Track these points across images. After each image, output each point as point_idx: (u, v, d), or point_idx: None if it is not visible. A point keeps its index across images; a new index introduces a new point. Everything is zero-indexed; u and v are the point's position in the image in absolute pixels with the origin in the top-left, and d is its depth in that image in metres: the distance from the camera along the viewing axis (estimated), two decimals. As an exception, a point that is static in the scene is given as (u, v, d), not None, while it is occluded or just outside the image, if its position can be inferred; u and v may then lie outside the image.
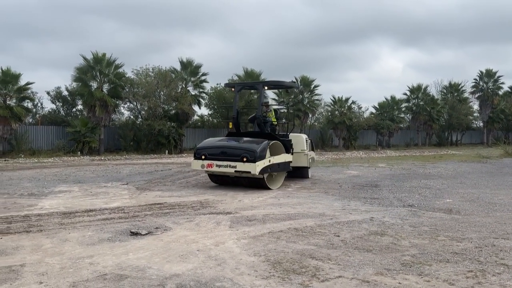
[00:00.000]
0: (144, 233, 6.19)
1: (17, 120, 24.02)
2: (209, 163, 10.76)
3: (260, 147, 10.56)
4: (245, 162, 10.24)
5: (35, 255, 5.14)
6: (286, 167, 11.67)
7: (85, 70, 26.50)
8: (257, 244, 5.62)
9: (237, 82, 12.67)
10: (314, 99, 34.69)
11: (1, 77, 23.90)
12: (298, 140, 13.04)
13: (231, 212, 7.93)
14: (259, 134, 11.71)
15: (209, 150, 11.00)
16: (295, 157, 12.40)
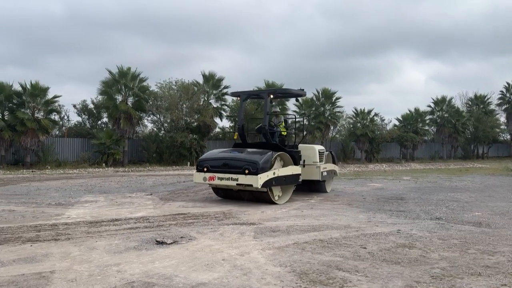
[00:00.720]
0: (169, 242, 6.23)
1: (44, 133, 24.66)
2: (211, 175, 10.19)
3: (263, 159, 9.91)
4: (247, 174, 9.64)
5: (64, 262, 5.22)
6: (294, 180, 10.86)
7: (110, 83, 27.12)
8: (282, 255, 5.57)
9: (242, 91, 12.02)
10: (335, 111, 34.50)
11: (30, 91, 24.67)
12: (310, 152, 12.20)
13: (254, 223, 7.90)
14: (265, 145, 11.10)
15: (211, 162, 10.41)
16: (306, 169, 11.74)
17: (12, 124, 23.83)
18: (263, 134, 11.28)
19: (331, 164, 13.26)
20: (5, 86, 24.44)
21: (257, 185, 9.55)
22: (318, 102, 34.20)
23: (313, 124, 33.24)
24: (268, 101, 11.53)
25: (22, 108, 24.61)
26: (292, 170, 10.72)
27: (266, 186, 9.83)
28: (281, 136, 11.97)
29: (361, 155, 35.95)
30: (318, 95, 34.20)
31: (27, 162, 24.34)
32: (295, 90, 12.08)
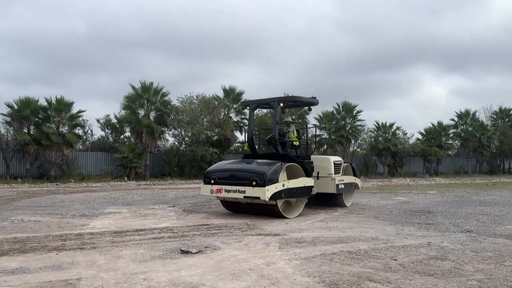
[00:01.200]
0: (194, 251, 6.15)
1: (69, 147, 25.11)
2: (218, 188, 9.73)
3: (271, 169, 9.37)
4: (255, 186, 9.12)
5: (90, 270, 5.20)
6: (305, 192, 10.21)
7: (133, 98, 27.56)
8: (310, 265, 5.42)
9: (251, 100, 11.61)
10: (356, 124, 34.14)
11: (55, 106, 25.24)
12: (324, 163, 11.54)
13: (279, 234, 7.77)
14: (275, 155, 10.56)
15: (218, 174, 9.96)
16: (320, 182, 11.16)
17: (37, 138, 24.36)
18: (273, 144, 10.80)
19: (351, 176, 12.55)
20: (31, 101, 25.08)
21: (264, 198, 9.03)
22: (339, 115, 33.94)
23: (334, 138, 32.94)
24: (278, 109, 10.95)
25: (47, 123, 25.16)
26: (304, 182, 10.12)
27: (274, 198, 9.30)
28: (294, 146, 11.44)
29: (383, 169, 35.37)
30: (339, 108, 33.95)
31: (51, 175, 24.76)
32: (307, 98, 11.39)
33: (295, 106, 12.68)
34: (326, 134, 33.85)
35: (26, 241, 7.03)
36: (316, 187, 10.66)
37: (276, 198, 9.38)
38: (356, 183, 12.88)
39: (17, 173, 25.25)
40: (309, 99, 11.43)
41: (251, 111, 11.46)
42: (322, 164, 11.51)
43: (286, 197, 9.75)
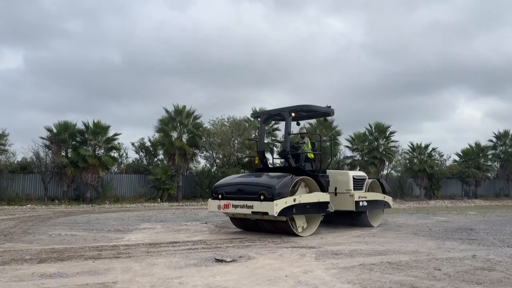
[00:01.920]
0: (228, 260, 6.06)
1: (104, 169, 25.72)
2: (225, 203, 9.15)
3: (280, 183, 8.69)
4: (263, 200, 8.50)
5: (126, 275, 5.19)
6: (320, 209, 9.40)
7: (166, 121, 28.15)
8: (348, 274, 5.22)
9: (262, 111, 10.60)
10: (390, 145, 33.44)
11: (92, 129, 26.08)
12: (342, 178, 10.70)
13: (314, 246, 7.57)
14: (287, 169, 9.87)
15: (226, 188, 9.46)
16: (338, 198, 10.40)
17: (74, 160, 25.11)
18: (284, 157, 10.16)
19: (377, 193, 11.46)
20: (69, 125, 26.02)
21: (273, 213, 8.32)
22: (371, 136, 33.36)
23: (367, 159, 32.32)
24: (289, 120, 10.19)
25: (84, 146, 25.95)
26: (318, 197, 9.33)
27: (284, 214, 8.58)
28: (309, 159, 10.49)
29: (420, 192, 34.25)
30: (371, 129, 33.42)
31: (87, 197, 25.34)
32: (321, 107, 10.58)
33: (309, 117, 11.69)
34: (359, 155, 33.28)
35: (63, 251, 7.13)
36: (334, 203, 9.93)
37: (287, 214, 8.66)
38: (385, 201, 11.74)
39: (55, 195, 25.98)
40: (323, 108, 10.72)
41: (262, 122, 10.96)
42: (340, 178, 10.69)
43: (298, 213, 8.95)
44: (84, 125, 26.26)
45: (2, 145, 24.84)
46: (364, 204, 10.71)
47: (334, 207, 9.85)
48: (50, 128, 25.94)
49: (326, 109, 10.77)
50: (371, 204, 10.99)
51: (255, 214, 8.86)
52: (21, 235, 9.47)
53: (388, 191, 12.02)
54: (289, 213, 8.69)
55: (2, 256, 6.61)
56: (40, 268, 5.68)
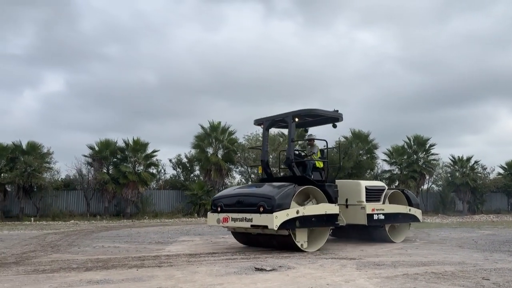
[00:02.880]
0: (268, 269, 6.06)
1: (144, 185, 26.39)
2: (224, 216, 8.53)
3: (281, 193, 7.98)
4: (262, 213, 7.84)
5: (169, 282, 5.30)
6: (328, 222, 8.61)
7: (202, 137, 28.67)
8: (392, 283, 5.10)
9: (265, 117, 10.06)
10: (430, 159, 32.47)
11: (132, 146, 26.89)
12: (352, 188, 9.77)
13: (355, 258, 7.44)
14: (291, 178, 9.08)
15: (225, 200, 8.86)
16: (349, 211, 9.52)
17: (115, 177, 25.91)
18: (288, 166, 9.27)
19: (399, 206, 10.40)
20: (111, 142, 26.97)
21: (272, 226, 7.61)
22: (410, 150, 32.53)
23: (406, 173, 31.50)
24: (293, 126, 9.45)
25: (124, 162, 26.77)
26: (325, 209, 8.53)
27: (286, 227, 7.88)
28: (318, 169, 9.69)
29: (462, 206, 32.95)
30: (410, 142, 32.61)
31: (127, 212, 26.00)
32: (328, 111, 9.70)
33: (315, 123, 10.63)
34: (397, 169, 32.51)
35: (108, 261, 7.35)
36: (345, 216, 9.18)
37: (289, 227, 7.95)
38: (411, 215, 10.57)
39: (97, 210, 26.82)
40: (331, 113, 9.77)
41: (265, 129, 10.06)
42: (351, 189, 9.75)
43: (302, 226, 8.21)
44: (124, 143, 27.14)
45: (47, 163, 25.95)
46: (381, 217, 9.71)
47: (345, 220, 9.14)
48: (92, 146, 26.96)
49: (333, 114, 9.80)
50: (390, 218, 9.99)
51: (255, 228, 8.18)
52: (67, 247, 9.84)
53: (415, 203, 10.90)
54: (291, 226, 7.97)
55: (51, 265, 6.89)
56: (87, 275, 5.88)
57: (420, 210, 10.97)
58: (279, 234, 8.15)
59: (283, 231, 8.00)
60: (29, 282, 5.39)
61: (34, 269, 6.41)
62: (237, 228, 8.87)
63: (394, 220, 10.19)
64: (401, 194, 10.80)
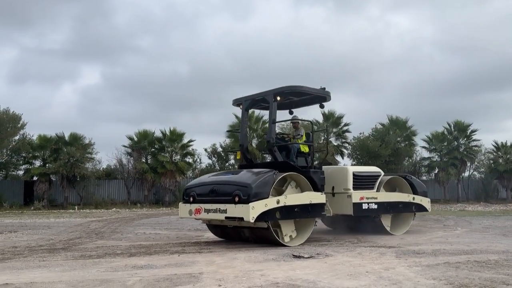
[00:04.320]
0: (306, 256, 6.11)
1: (181, 174, 27.01)
2: (197, 207, 7.64)
3: (259, 180, 7.09)
4: (237, 203, 6.96)
5: (210, 267, 5.45)
6: (312, 212, 7.70)
7: (237, 126, 28.84)
8: (433, 271, 5.03)
9: (244, 97, 9.09)
10: (471, 145, 31.35)
11: (168, 136, 27.52)
12: (339, 174, 8.80)
13: (394, 246, 7.36)
14: (272, 164, 8.17)
15: (198, 189, 7.97)
16: (336, 199, 8.57)
17: (154, 166, 26.65)
18: (269, 150, 8.32)
19: (399, 194, 9.47)
20: (148, 133, 27.72)
21: (248, 218, 6.74)
22: (451, 136, 31.52)
23: (446, 160, 30.59)
24: (274, 106, 8.38)
25: (162, 152, 27.45)
26: (310, 197, 7.64)
27: (264, 219, 6.99)
28: (303, 154, 8.65)
29: (506, 194, 31.73)
30: (450, 128, 31.58)
31: (165, 201, 26.73)
32: (315, 89, 8.67)
33: (301, 103, 9.53)
34: (437, 156, 31.63)
35: (150, 247, 7.62)
36: (332, 206, 8.37)
37: (268, 219, 7.05)
38: (416, 203, 9.57)
39: (136, 199, 27.73)
40: (317, 91, 8.73)
41: (244, 110, 9.03)
42: (337, 175, 8.81)
43: (284, 218, 7.37)
44: (162, 133, 27.81)
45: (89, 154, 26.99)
46: (372, 207, 8.73)
47: (332, 210, 8.33)
48: (131, 137, 27.80)
49: (320, 92, 8.76)
50: (386, 207, 9.02)
51: (230, 220, 7.34)
52: (110, 234, 10.26)
53: (421, 191, 9.86)
54: (271, 218, 7.09)
55: (97, 251, 7.22)
56: (131, 260, 6.14)
57: (428, 199, 9.96)
58: (257, 226, 7.31)
59: (261, 224, 7.12)
60: (78, 266, 5.68)
61: (81, 255, 6.74)
62: (212, 221, 8.05)
63: (392, 210, 9.21)
64: (403, 181, 9.75)
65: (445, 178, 30.09)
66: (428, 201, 9.97)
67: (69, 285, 4.50)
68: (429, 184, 33.60)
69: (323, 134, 30.94)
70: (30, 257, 6.66)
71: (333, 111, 30.68)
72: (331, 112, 30.71)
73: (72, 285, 4.50)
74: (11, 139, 25.61)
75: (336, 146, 30.33)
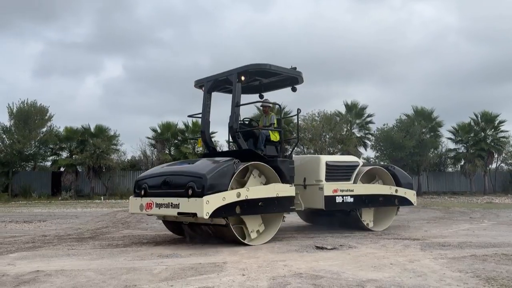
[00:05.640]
0: (329, 247, 6.11)
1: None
2: (148, 201, 6.73)
3: (216, 170, 6.23)
4: (191, 196, 6.08)
5: (233, 257, 5.53)
6: (280, 206, 6.82)
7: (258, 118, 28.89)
8: (459, 264, 4.96)
9: (206, 77, 7.95)
10: (499, 136, 30.52)
11: (191, 128, 27.79)
12: (311, 164, 7.99)
13: (418, 238, 7.28)
14: (236, 152, 7.43)
15: (150, 181, 7.08)
16: (307, 192, 7.75)
17: (177, 158, 26.95)
18: (232, 136, 7.47)
19: (379, 186, 8.62)
20: (172, 125, 28.04)
21: (202, 214, 5.87)
22: (477, 127, 30.76)
23: (473, 151, 29.89)
24: (238, 87, 7.37)
25: (185, 144, 27.75)
26: (276, 190, 6.76)
27: (222, 215, 6.13)
28: (273, 142, 7.73)
29: (536, 186, 30.84)
30: (477, 119, 30.81)
31: (188, 192, 27.10)
32: (285, 68, 7.70)
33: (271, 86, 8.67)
34: (463, 148, 30.95)
35: (175, 236, 7.76)
36: (303, 199, 7.61)
37: (227, 215, 6.21)
38: (398, 196, 8.68)
39: (160, 190, 28.19)
40: (287, 71, 7.76)
41: (207, 93, 7.99)
42: (309, 166, 8.00)
43: (246, 213, 6.48)
44: (184, 125, 28.10)
45: (114, 145, 27.52)
46: (348, 200, 7.91)
47: (303, 203, 7.60)
48: (154, 129, 28.20)
49: (290, 72, 7.79)
50: (364, 200, 8.19)
51: (184, 217, 6.41)
52: (136, 224, 10.48)
53: (405, 183, 8.99)
54: (230, 213, 6.24)
55: (123, 240, 7.41)
56: (157, 250, 6.27)
57: (413, 191, 9.09)
58: (215, 223, 6.47)
59: (219, 220, 6.30)
60: (105, 255, 5.84)
61: (109, 244, 6.93)
62: (167, 216, 7.11)
63: (371, 204, 8.37)
64: (385, 172, 8.86)
65: (471, 170, 29.45)
66: (413, 193, 9.08)
67: (98, 272, 4.64)
68: (455, 176, 33.02)
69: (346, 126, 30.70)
70: (59, 245, 6.88)
71: (356, 102, 30.40)
72: (353, 103, 30.42)
73: (101, 272, 4.64)
74: (39, 131, 26.34)
75: (359, 138, 30.03)
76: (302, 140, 29.32)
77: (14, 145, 25.00)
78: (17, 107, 25.94)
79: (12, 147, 25.10)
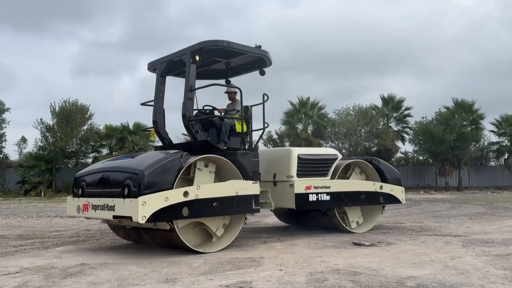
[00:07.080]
0: (367, 244, 6.04)
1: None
2: (85, 202, 5.72)
3: (155, 166, 5.25)
4: (126, 196, 5.10)
5: (270, 252, 5.57)
6: (240, 206, 5.85)
7: (291, 113, 28.83)
8: (504, 261, 4.79)
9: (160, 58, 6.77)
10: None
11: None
12: (281, 158, 7.08)
13: (460, 235, 7.06)
14: (190, 144, 6.65)
15: (88, 178, 6.06)
16: (277, 190, 6.85)
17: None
18: (185, 126, 6.37)
19: (362, 182, 7.68)
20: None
21: (137, 218, 4.90)
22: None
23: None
24: (192, 68, 6.35)
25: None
26: (236, 188, 5.81)
27: (164, 219, 5.18)
28: (238, 134, 6.63)
29: None
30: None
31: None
32: (248, 47, 6.60)
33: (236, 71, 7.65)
34: (507, 141, 29.70)
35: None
36: (273, 197, 6.76)
37: (171, 218, 5.24)
38: (384, 193, 7.71)
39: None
40: (250, 49, 6.65)
41: (160, 76, 6.95)
42: (279, 160, 7.10)
43: (194, 215, 5.48)
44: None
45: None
46: (323, 198, 6.94)
47: (273, 203, 6.74)
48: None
49: (255, 51, 6.70)
50: (343, 199, 7.20)
51: (117, 220, 5.37)
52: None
53: (392, 178, 8.00)
54: (175, 216, 5.25)
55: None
56: (194, 244, 6.38)
57: (401, 188, 8.10)
58: (159, 228, 5.55)
59: (163, 225, 5.37)
60: (146, 249, 6.01)
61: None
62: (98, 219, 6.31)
63: (351, 202, 7.37)
64: (368, 166, 7.82)
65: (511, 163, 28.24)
66: (401, 190, 8.09)
67: (140, 266, 4.79)
68: (498, 170, 31.73)
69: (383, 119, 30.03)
70: (102, 239, 7.15)
71: (392, 95, 29.75)
72: (390, 96, 29.76)
73: (142, 266, 4.79)
74: (80, 129, 27.33)
75: (396, 132, 29.37)
76: (337, 135, 29.01)
77: (57, 143, 26.07)
78: (59, 106, 27.01)
79: (55, 145, 26.20)
